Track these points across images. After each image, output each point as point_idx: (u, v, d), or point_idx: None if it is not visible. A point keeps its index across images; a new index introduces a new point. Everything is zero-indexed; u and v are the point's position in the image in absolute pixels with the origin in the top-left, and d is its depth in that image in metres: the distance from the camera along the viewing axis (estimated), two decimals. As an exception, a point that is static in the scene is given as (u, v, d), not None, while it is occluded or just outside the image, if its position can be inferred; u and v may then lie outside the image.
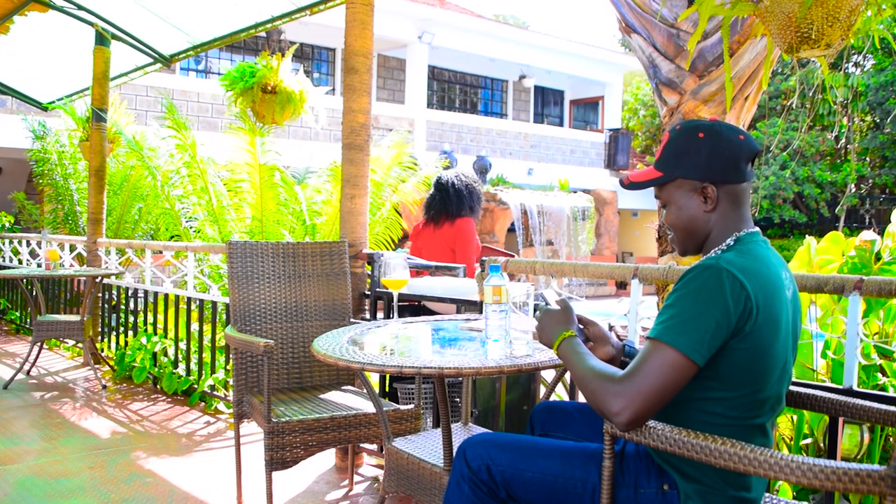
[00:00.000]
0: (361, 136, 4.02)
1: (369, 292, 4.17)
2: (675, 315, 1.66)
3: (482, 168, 18.41)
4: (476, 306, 3.44)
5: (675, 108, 4.21)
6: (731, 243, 1.83)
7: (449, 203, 4.61)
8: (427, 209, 4.77)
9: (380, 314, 4.16)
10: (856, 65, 22.55)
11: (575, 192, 20.18)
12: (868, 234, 4.49)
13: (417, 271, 4.29)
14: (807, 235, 5.14)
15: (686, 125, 1.90)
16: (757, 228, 1.89)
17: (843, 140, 22.55)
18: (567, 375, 3.17)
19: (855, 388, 2.36)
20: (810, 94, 18.20)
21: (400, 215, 7.78)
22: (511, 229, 17.55)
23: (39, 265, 8.77)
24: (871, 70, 22.10)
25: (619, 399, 1.62)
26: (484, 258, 3.27)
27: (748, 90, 4.29)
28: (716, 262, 1.68)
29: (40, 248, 8.89)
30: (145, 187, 9.52)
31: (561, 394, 3.73)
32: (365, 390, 3.43)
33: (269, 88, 5.92)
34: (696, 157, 1.84)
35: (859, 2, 2.76)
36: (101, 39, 7.29)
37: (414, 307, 4.23)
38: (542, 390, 3.46)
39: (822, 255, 4.70)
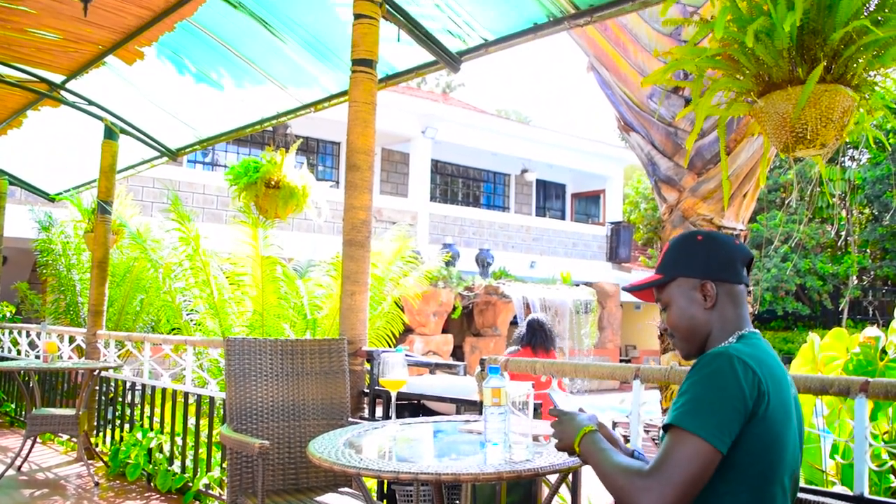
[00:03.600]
0: (362, 233, 4.04)
1: (368, 390, 4.12)
2: (691, 401, 1.66)
3: (484, 261, 18.46)
4: (476, 406, 3.39)
5: (674, 206, 4.25)
6: (734, 340, 1.86)
7: (546, 340, 6.14)
8: (523, 342, 6.22)
9: (379, 411, 4.09)
10: (851, 158, 22.88)
11: (577, 285, 20.17)
12: (872, 331, 4.46)
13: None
14: (810, 329, 5.10)
15: (685, 233, 2.01)
16: (757, 330, 1.91)
17: (843, 232, 22.68)
18: (570, 478, 3.09)
19: (866, 494, 2.29)
20: (809, 188, 18.39)
21: (402, 310, 7.76)
22: (514, 322, 17.48)
23: (38, 356, 8.70)
24: (866, 164, 22.40)
25: (649, 494, 1.58)
26: (483, 358, 3.23)
27: (746, 187, 4.33)
28: (725, 350, 1.71)
29: (39, 339, 8.84)
30: (147, 279, 9.53)
31: (564, 495, 3.63)
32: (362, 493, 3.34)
33: (273, 183, 6.00)
34: (696, 257, 1.93)
35: (851, 103, 2.80)
36: (110, 133, 7.43)
37: (413, 406, 4.16)
38: (545, 491, 3.37)
39: (827, 351, 4.65)
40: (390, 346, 7.40)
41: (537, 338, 6.16)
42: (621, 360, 22.23)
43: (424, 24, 4.41)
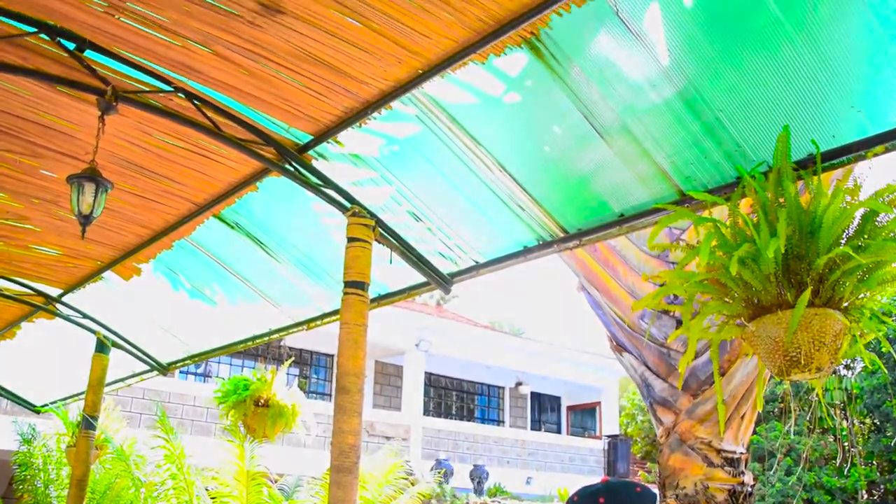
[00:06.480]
0: (350, 458, 3.90)
1: None
2: None
3: (479, 477, 17.89)
4: None
5: (671, 428, 4.15)
6: None
7: None
8: None
9: None
10: (847, 367, 22.75)
11: (575, 501, 19.40)
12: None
13: None
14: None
15: (583, 495, 1.98)
16: None
17: (847, 443, 22.14)
18: None
19: None
20: (806, 398, 18.18)
21: (392, 534, 7.40)
22: (509, 543, 16.68)
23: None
24: (862, 373, 22.25)
25: None
26: None
27: (744, 408, 4.25)
28: None
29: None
30: (129, 498, 9.14)
31: None
32: None
33: (262, 402, 5.92)
34: None
35: (842, 326, 2.80)
36: (102, 347, 7.38)
37: None
38: None
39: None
40: (379, 575, 7.01)
41: None
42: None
43: (416, 246, 4.52)
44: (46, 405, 9.92)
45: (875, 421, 22.25)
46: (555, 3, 2.96)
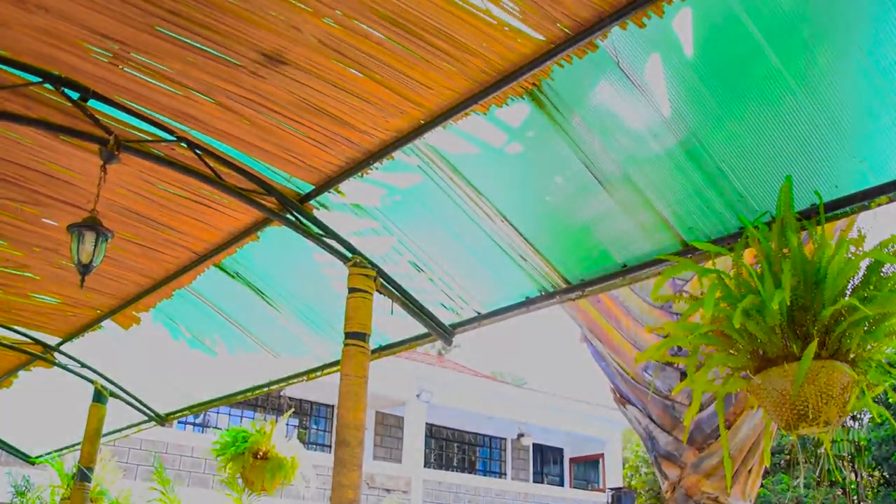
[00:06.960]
0: (350, 512, 3.82)
1: None
2: None
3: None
4: None
5: (676, 483, 4.07)
6: None
7: None
8: None
9: None
10: (854, 418, 22.47)
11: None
12: None
13: None
14: None
15: None
16: None
17: (856, 497, 21.75)
18: None
19: None
20: (814, 450, 17.93)
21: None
22: None
23: None
24: (870, 424, 21.96)
25: None
26: None
27: (750, 463, 4.17)
28: None
29: None
30: (123, 553, 8.97)
31: None
32: None
33: (261, 454, 5.84)
34: None
35: (850, 379, 2.76)
36: (99, 397, 7.30)
37: None
38: None
39: None
40: None
41: None
42: None
43: (418, 297, 4.49)
44: (41, 456, 9.79)
45: (884, 474, 21.90)
46: (556, 55, 2.98)
